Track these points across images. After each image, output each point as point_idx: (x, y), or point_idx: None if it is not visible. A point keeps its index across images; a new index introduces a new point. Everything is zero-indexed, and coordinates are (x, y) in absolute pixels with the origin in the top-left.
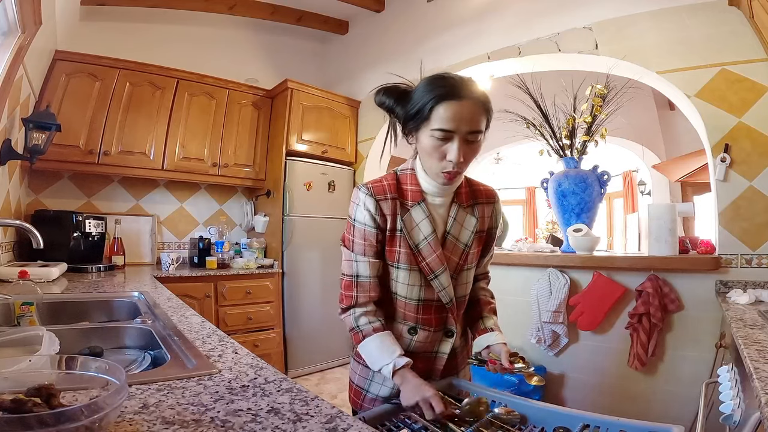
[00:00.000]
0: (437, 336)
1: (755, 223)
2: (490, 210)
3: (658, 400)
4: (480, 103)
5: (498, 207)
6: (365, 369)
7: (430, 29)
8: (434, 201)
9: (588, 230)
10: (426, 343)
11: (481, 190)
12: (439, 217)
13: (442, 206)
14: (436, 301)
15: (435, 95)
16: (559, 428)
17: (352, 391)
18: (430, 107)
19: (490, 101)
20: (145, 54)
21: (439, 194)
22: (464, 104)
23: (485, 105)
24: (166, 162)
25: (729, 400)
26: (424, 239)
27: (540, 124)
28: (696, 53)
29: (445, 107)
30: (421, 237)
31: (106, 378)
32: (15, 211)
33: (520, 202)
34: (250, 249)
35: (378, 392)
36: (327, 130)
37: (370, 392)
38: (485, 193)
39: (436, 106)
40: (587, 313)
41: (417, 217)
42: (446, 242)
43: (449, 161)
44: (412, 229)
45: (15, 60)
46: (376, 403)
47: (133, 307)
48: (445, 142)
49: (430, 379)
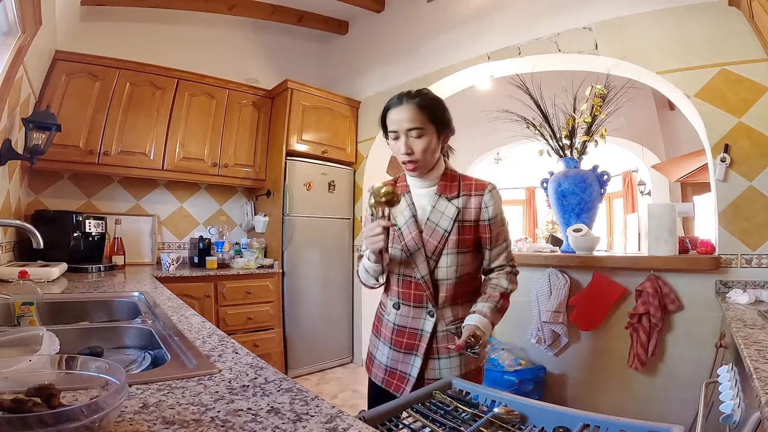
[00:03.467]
0: (418, 313)
1: (755, 223)
2: (478, 201)
3: (658, 400)
4: (417, 105)
5: (487, 198)
6: (374, 338)
7: (430, 29)
8: (419, 192)
9: (588, 230)
10: (408, 318)
11: (471, 183)
12: (422, 205)
13: (425, 196)
14: (413, 278)
15: (384, 107)
16: (559, 428)
17: (367, 357)
18: (383, 117)
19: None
20: (145, 54)
21: (420, 186)
22: (402, 109)
23: (424, 104)
24: (166, 162)
25: (729, 399)
26: (404, 223)
27: (540, 124)
28: (696, 53)
29: (390, 114)
30: (403, 221)
31: (106, 378)
32: (15, 211)
33: (520, 202)
34: (250, 249)
35: (381, 359)
36: (327, 130)
37: (375, 358)
38: (475, 186)
39: (386, 115)
40: (587, 313)
41: (402, 205)
42: (426, 226)
43: (401, 154)
44: (397, 215)
45: (15, 60)
46: (380, 368)
47: (133, 307)
48: (396, 141)
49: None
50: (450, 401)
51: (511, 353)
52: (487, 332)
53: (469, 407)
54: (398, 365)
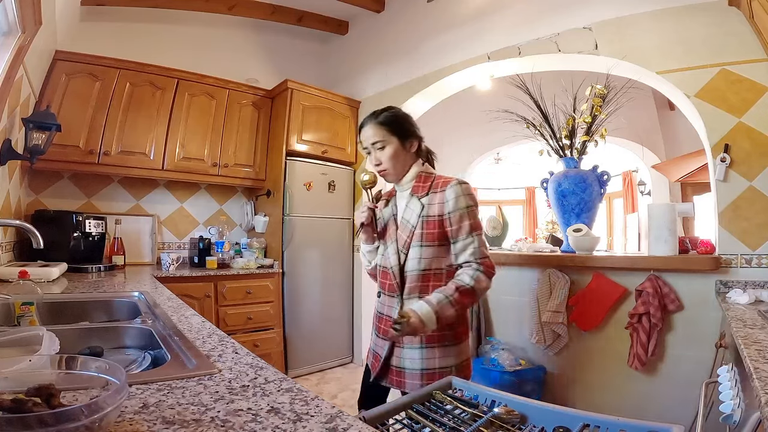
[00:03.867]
0: (391, 302)
1: (755, 223)
2: (442, 196)
3: (658, 400)
4: (377, 123)
5: (449, 192)
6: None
7: (430, 29)
8: (400, 195)
9: (588, 230)
10: (385, 305)
11: (438, 182)
12: (401, 206)
13: (403, 198)
14: (387, 268)
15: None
16: (559, 428)
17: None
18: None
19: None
20: (145, 54)
21: (400, 190)
22: (366, 128)
23: (383, 120)
24: (166, 162)
25: (729, 399)
26: (386, 221)
27: (540, 124)
28: (696, 53)
29: (360, 136)
30: (384, 220)
31: (107, 378)
32: (15, 211)
33: (520, 202)
34: (250, 249)
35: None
36: (327, 130)
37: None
38: (443, 183)
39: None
40: (587, 313)
41: (387, 208)
42: (400, 224)
43: (374, 166)
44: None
45: (15, 60)
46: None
47: (133, 307)
48: (369, 155)
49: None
50: (450, 401)
51: (511, 353)
52: (426, 319)
53: (469, 407)
54: (377, 348)
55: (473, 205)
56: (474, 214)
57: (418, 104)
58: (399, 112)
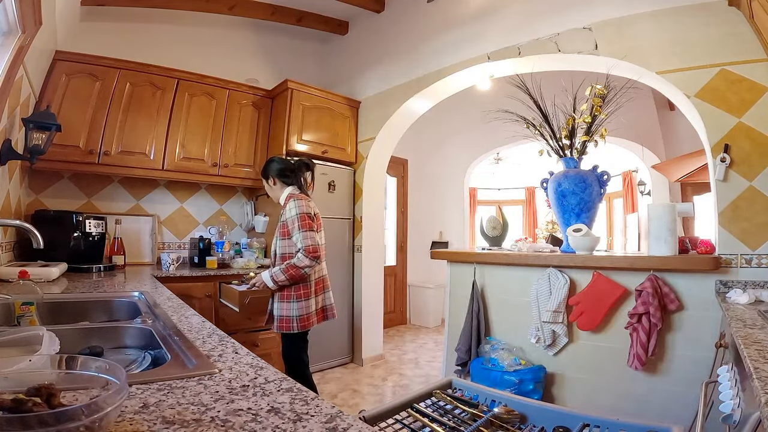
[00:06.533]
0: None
1: (755, 223)
2: (284, 209)
3: (658, 400)
4: (261, 172)
5: (286, 208)
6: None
7: (430, 29)
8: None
9: (588, 230)
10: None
11: (289, 199)
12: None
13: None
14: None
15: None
16: (559, 428)
17: None
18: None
19: (264, 166)
20: (145, 54)
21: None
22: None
23: (261, 170)
24: (166, 162)
25: (729, 399)
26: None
27: (540, 124)
28: (696, 54)
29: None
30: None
31: (107, 378)
32: (15, 211)
33: (520, 202)
34: (250, 249)
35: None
36: (327, 130)
37: None
38: (287, 200)
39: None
40: (587, 312)
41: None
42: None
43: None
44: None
45: (15, 60)
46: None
47: (134, 306)
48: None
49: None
50: (450, 401)
51: (511, 353)
52: (264, 279)
53: (469, 407)
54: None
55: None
56: (296, 221)
57: (418, 104)
58: (267, 162)
